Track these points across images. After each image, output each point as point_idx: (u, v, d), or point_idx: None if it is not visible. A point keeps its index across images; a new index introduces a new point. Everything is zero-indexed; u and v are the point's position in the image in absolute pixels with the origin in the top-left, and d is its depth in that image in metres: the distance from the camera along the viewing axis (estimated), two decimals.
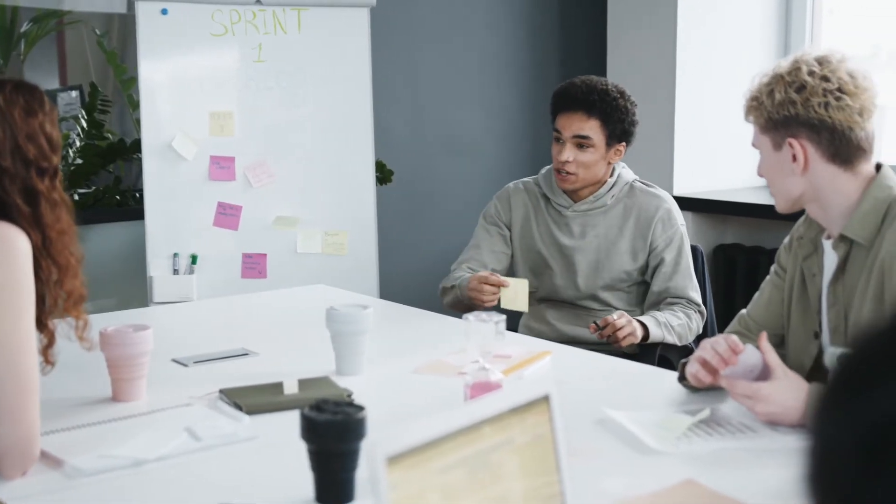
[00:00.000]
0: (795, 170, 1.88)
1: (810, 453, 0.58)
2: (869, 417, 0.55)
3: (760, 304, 2.11)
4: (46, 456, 1.69)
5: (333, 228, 3.72)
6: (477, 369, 1.95)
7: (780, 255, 2.09)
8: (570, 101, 2.82)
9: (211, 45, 3.62)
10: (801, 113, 1.84)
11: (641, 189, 2.91)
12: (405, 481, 1.08)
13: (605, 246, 2.86)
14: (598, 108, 2.79)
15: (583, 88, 2.82)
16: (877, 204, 1.85)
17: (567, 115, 2.82)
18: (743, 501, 1.51)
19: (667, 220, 2.86)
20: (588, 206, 2.89)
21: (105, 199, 4.01)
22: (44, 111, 1.75)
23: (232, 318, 2.87)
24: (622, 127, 2.83)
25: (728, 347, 1.81)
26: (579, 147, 2.80)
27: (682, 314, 2.78)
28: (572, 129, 2.81)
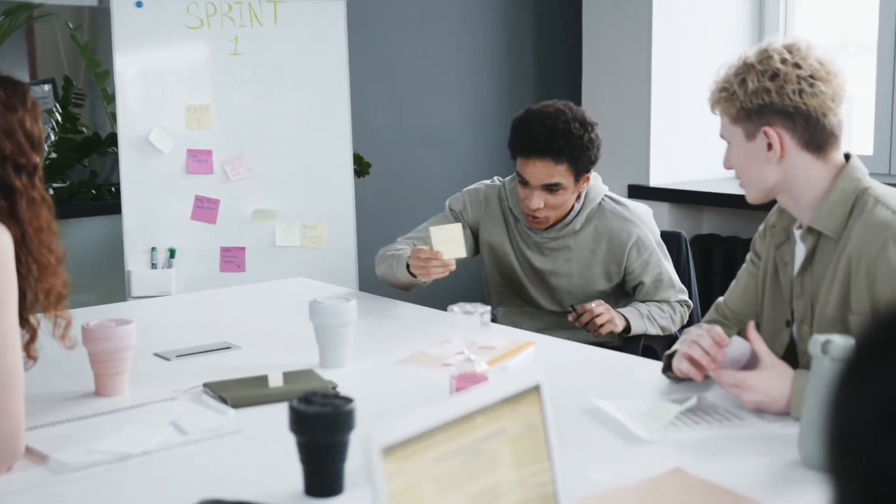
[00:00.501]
0: (771, 158, 1.88)
1: (831, 424, 0.59)
2: (889, 390, 0.55)
3: (737, 292, 2.12)
4: (31, 451, 1.68)
5: (312, 221, 3.71)
6: (462, 360, 1.95)
7: (756, 243, 2.11)
8: (534, 148, 2.67)
9: (187, 38, 3.60)
10: (776, 101, 1.85)
11: (612, 210, 2.80)
12: (400, 472, 1.08)
13: (578, 270, 2.79)
14: (565, 154, 2.65)
15: (545, 134, 2.64)
16: (844, 196, 1.86)
17: (532, 163, 2.67)
18: (730, 489, 1.52)
19: (640, 247, 2.77)
20: (557, 233, 2.80)
21: (81, 193, 3.98)
22: (25, 107, 1.73)
23: (212, 312, 2.86)
24: (588, 160, 2.70)
25: (713, 343, 1.81)
26: (548, 191, 2.69)
27: (666, 307, 2.78)
28: (539, 178, 2.68)
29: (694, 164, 4.43)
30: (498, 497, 1.20)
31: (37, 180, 1.76)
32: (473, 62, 4.58)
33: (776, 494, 1.50)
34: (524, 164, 2.69)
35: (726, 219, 4.27)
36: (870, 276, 1.79)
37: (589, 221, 2.79)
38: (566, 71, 4.69)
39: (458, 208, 2.90)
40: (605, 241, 2.78)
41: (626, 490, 1.52)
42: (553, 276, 2.81)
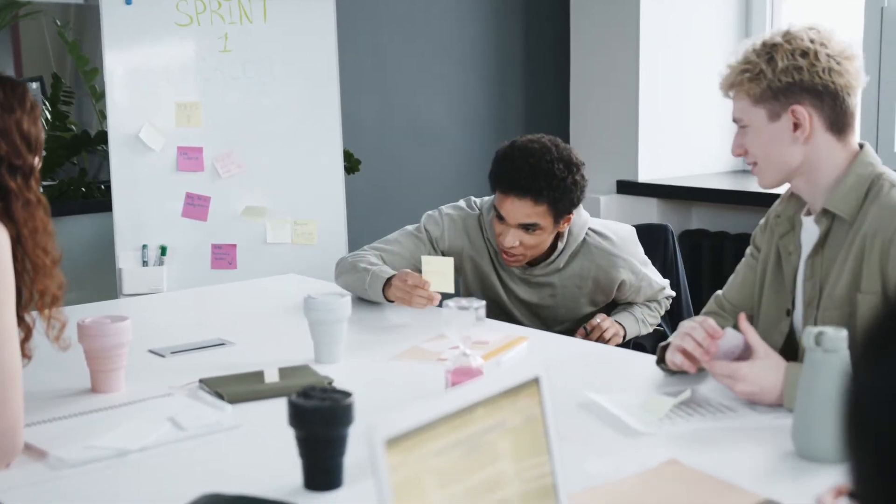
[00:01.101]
0: (798, 138, 1.88)
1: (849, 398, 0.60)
2: None
3: (735, 284, 2.14)
4: (30, 447, 1.68)
5: (303, 218, 3.72)
6: (458, 355, 1.96)
7: (756, 237, 2.12)
8: (514, 186, 2.56)
9: (176, 36, 3.60)
10: (806, 79, 1.85)
11: (597, 245, 2.71)
12: (403, 464, 1.09)
13: (564, 302, 2.74)
14: (546, 195, 2.54)
15: (527, 171, 2.54)
16: (860, 180, 1.88)
17: (510, 201, 2.57)
18: (725, 480, 1.53)
19: (631, 277, 2.73)
20: (541, 271, 2.73)
21: (70, 191, 3.98)
22: (23, 109, 1.73)
23: (205, 309, 2.86)
24: (570, 202, 2.60)
25: (706, 335, 1.83)
26: (525, 230, 2.59)
27: (654, 305, 2.80)
28: (517, 217, 2.57)
29: (682, 159, 4.46)
30: (498, 489, 1.22)
31: (32, 182, 1.75)
32: (462, 58, 4.59)
33: (771, 484, 1.52)
34: (502, 200, 2.59)
35: (715, 214, 4.30)
36: (883, 255, 1.82)
37: (573, 258, 2.71)
38: (554, 67, 4.71)
39: (435, 234, 2.75)
40: (591, 279, 2.72)
41: (623, 482, 1.53)
42: (539, 307, 2.76)
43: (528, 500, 1.25)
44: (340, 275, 2.72)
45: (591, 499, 1.45)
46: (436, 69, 4.54)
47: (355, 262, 2.68)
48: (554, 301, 2.75)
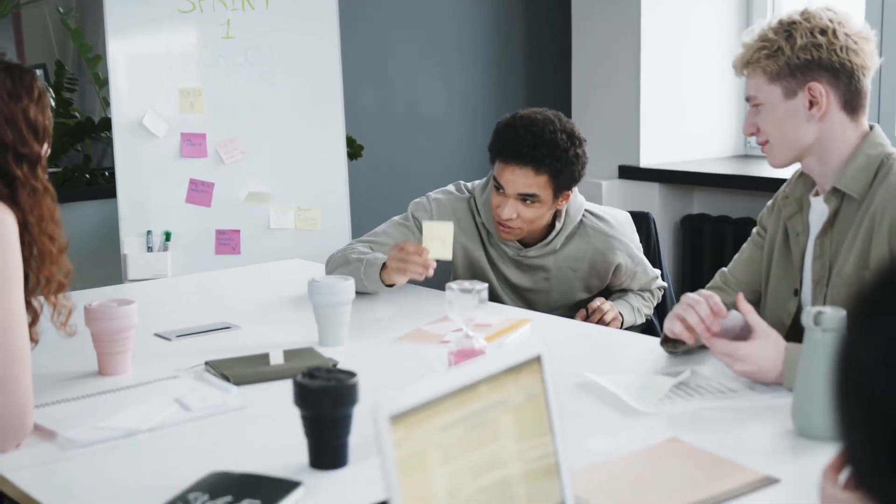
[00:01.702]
0: (813, 116, 1.90)
1: (841, 360, 0.63)
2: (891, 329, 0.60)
3: (741, 261, 2.16)
4: (39, 428, 1.71)
5: (306, 204, 3.73)
6: (461, 337, 1.98)
7: (762, 217, 2.14)
8: (515, 154, 2.52)
9: (179, 22, 3.61)
10: (825, 56, 1.87)
11: (594, 227, 2.68)
12: (408, 439, 1.11)
13: (557, 286, 2.70)
14: (548, 164, 2.51)
15: (529, 140, 2.51)
16: (869, 160, 1.90)
17: (511, 170, 2.53)
18: (724, 457, 1.55)
19: (627, 265, 2.70)
20: (537, 252, 2.68)
21: (74, 178, 4.00)
22: (31, 97, 1.75)
23: (210, 294, 2.89)
24: (572, 176, 2.56)
25: (710, 312, 1.84)
26: (523, 202, 2.55)
27: (648, 295, 2.79)
28: (517, 187, 2.53)
29: (684, 144, 4.47)
30: (501, 466, 1.24)
31: (39, 170, 1.77)
32: (463, 43, 4.60)
33: (770, 462, 1.54)
34: (502, 170, 2.55)
35: (716, 199, 4.31)
36: (891, 233, 1.84)
37: (570, 240, 2.68)
38: (556, 53, 4.72)
39: (423, 219, 2.67)
40: (587, 261, 2.68)
41: (623, 460, 1.55)
42: (531, 292, 2.72)
43: (532, 479, 1.28)
44: (333, 270, 2.64)
45: (592, 476, 1.47)
46: (438, 54, 4.55)
47: (346, 255, 2.65)
48: (548, 285, 2.71)
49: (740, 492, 1.44)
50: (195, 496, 1.42)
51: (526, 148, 2.51)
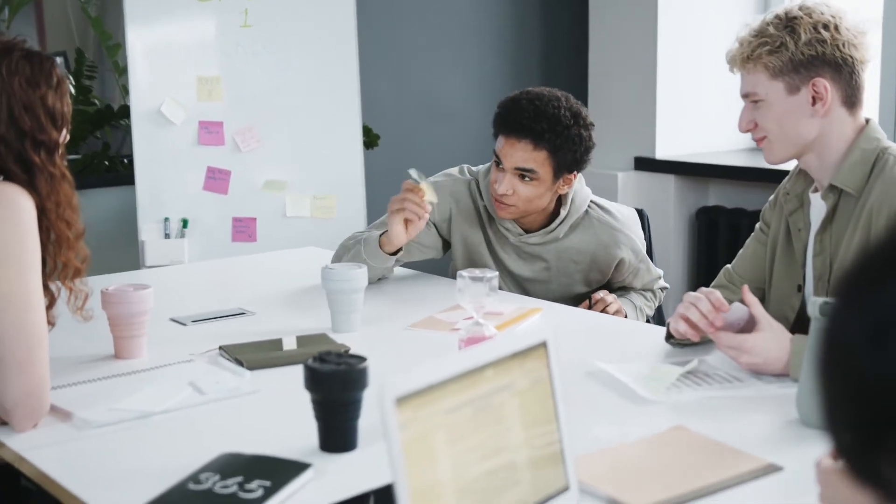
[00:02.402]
0: (817, 112, 1.90)
1: (826, 340, 0.65)
2: (876, 309, 0.62)
3: (744, 257, 2.17)
4: (56, 409, 1.74)
5: (322, 192, 3.76)
6: (471, 325, 2.00)
7: (765, 213, 2.15)
8: (515, 127, 2.47)
9: (197, 11, 3.65)
10: (828, 51, 1.87)
11: (599, 218, 2.63)
12: (413, 421, 1.14)
13: (557, 277, 2.65)
14: (547, 139, 2.45)
15: (530, 112, 2.45)
16: (865, 155, 1.90)
17: (510, 143, 2.48)
18: (729, 445, 1.57)
19: (631, 257, 2.64)
20: (539, 240, 2.62)
21: (94, 164, 4.04)
22: (49, 84, 1.77)
23: (226, 280, 2.92)
24: (573, 157, 2.49)
25: (711, 308, 1.85)
26: (521, 178, 2.49)
27: (650, 295, 2.72)
28: (514, 161, 2.48)
29: (700, 136, 4.47)
30: (507, 449, 1.26)
31: (57, 157, 1.79)
32: (480, 33, 4.61)
33: (774, 450, 1.55)
34: (502, 143, 2.51)
35: (732, 191, 4.31)
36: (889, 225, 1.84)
37: (573, 231, 2.62)
38: (573, 43, 4.72)
39: None
40: (589, 253, 2.62)
41: (628, 446, 1.57)
42: (529, 282, 2.66)
43: (536, 463, 1.30)
44: (339, 260, 2.60)
45: (596, 461, 1.49)
46: (454, 45, 4.56)
47: (345, 244, 2.65)
48: (547, 275, 2.65)
49: (744, 479, 1.45)
50: (206, 476, 1.44)
51: (526, 120, 2.45)
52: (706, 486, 1.42)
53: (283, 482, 1.43)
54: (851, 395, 0.63)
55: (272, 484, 1.42)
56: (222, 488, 1.41)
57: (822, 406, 0.66)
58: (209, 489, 1.41)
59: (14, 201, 1.69)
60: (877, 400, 0.61)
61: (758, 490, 1.44)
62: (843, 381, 0.64)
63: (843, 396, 0.64)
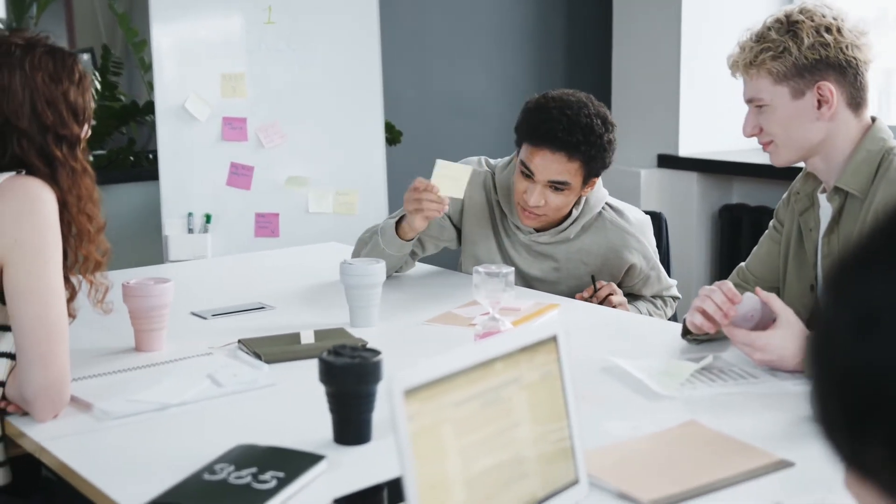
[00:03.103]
0: (822, 115, 1.89)
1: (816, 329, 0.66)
2: (863, 299, 0.63)
3: (759, 256, 2.17)
4: (76, 400, 1.77)
5: (344, 188, 3.78)
6: (487, 320, 2.02)
7: (779, 210, 2.14)
8: (549, 139, 2.42)
9: (221, 8, 3.68)
10: (832, 55, 1.86)
11: (612, 221, 2.59)
12: (421, 413, 1.15)
13: (566, 279, 2.62)
14: (583, 151, 2.42)
15: (563, 124, 2.40)
16: (870, 156, 1.89)
17: (542, 155, 2.43)
18: (740, 440, 1.57)
19: (641, 262, 2.60)
20: (549, 239, 2.59)
21: (119, 160, 4.08)
22: (71, 79, 1.79)
23: (247, 275, 2.94)
24: (602, 163, 2.48)
25: (725, 298, 1.86)
26: (553, 189, 2.46)
27: (660, 303, 2.67)
28: (549, 174, 2.44)
29: (723, 133, 4.45)
30: (516, 442, 1.27)
31: (78, 151, 1.82)
32: (503, 30, 4.62)
33: (787, 447, 1.56)
34: (532, 154, 2.45)
35: (755, 188, 4.30)
36: None
37: (585, 232, 2.58)
38: (596, 40, 4.72)
39: None
40: (600, 256, 2.58)
41: (640, 440, 1.58)
42: (538, 281, 2.63)
43: (546, 456, 1.31)
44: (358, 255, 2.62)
45: (607, 455, 1.50)
46: (477, 41, 4.57)
47: (362, 237, 2.66)
48: (556, 276, 2.62)
49: (754, 474, 1.46)
50: (221, 467, 1.46)
51: (561, 132, 2.40)
52: (716, 481, 1.43)
53: (296, 473, 1.45)
54: (839, 386, 0.64)
55: (285, 475, 1.44)
56: (236, 479, 1.43)
57: (811, 397, 0.67)
58: (223, 479, 1.43)
59: (36, 195, 1.72)
60: (863, 389, 0.62)
61: (768, 486, 1.45)
62: (831, 372, 0.65)
63: (830, 386, 0.65)
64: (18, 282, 1.68)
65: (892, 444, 0.62)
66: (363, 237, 2.68)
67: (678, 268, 4.32)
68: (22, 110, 1.74)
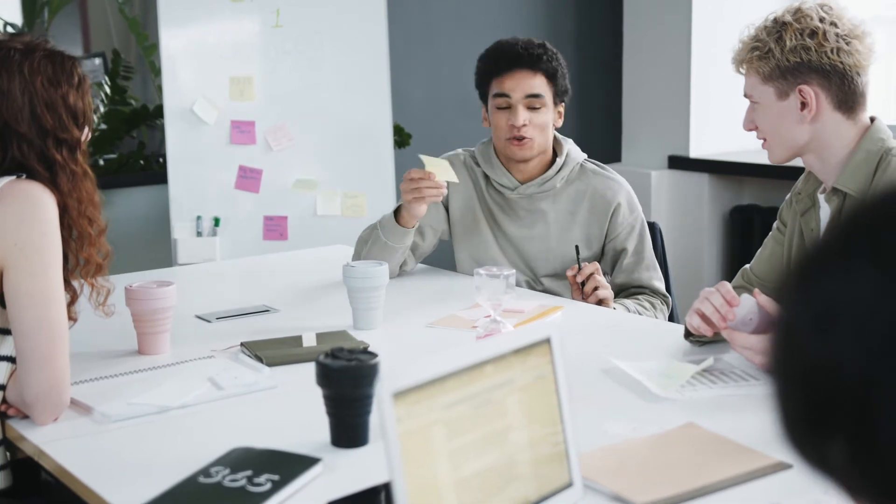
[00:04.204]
0: (805, 118, 1.90)
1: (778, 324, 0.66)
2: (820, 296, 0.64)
3: (763, 258, 2.16)
4: (76, 403, 1.77)
5: (352, 191, 3.79)
6: (489, 322, 2.02)
7: (782, 211, 2.14)
8: (514, 59, 2.62)
9: (229, 11, 3.69)
10: (814, 59, 1.86)
11: (594, 171, 2.71)
12: (411, 415, 1.15)
13: (555, 234, 2.67)
14: (545, 62, 2.62)
15: (522, 44, 2.64)
16: (869, 156, 1.88)
17: (512, 75, 2.61)
18: (739, 442, 1.57)
19: (626, 207, 2.67)
20: (535, 189, 2.67)
21: (129, 164, 4.09)
22: (70, 83, 1.80)
23: (254, 278, 2.95)
24: (564, 84, 2.66)
25: (723, 301, 1.85)
26: (531, 108, 2.61)
27: (648, 305, 2.62)
28: (523, 89, 2.60)
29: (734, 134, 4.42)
30: (508, 444, 1.27)
31: (78, 155, 1.82)
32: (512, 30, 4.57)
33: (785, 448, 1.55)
34: (503, 81, 2.62)
35: (767, 189, 4.28)
36: None
37: (570, 183, 2.69)
38: (606, 42, 4.71)
39: None
40: (587, 201, 2.67)
41: (637, 442, 1.57)
42: (527, 241, 2.69)
43: (539, 459, 1.30)
44: (363, 254, 2.64)
45: (603, 457, 1.50)
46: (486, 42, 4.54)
47: (361, 237, 2.70)
48: (545, 231, 2.67)
49: (752, 476, 1.45)
50: (217, 470, 1.46)
51: (521, 51, 2.62)
52: (712, 484, 1.42)
53: (291, 476, 1.45)
54: (798, 384, 0.64)
55: (281, 478, 1.44)
56: (231, 482, 1.43)
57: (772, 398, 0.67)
58: (218, 483, 1.43)
59: (36, 199, 1.73)
60: (823, 385, 0.62)
61: (766, 488, 1.44)
62: (792, 367, 0.65)
63: (791, 385, 0.65)
64: (19, 285, 1.69)
65: (854, 442, 0.61)
66: (363, 236, 2.71)
67: (688, 270, 4.30)
68: (21, 114, 1.75)
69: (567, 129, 3.05)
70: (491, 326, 2.01)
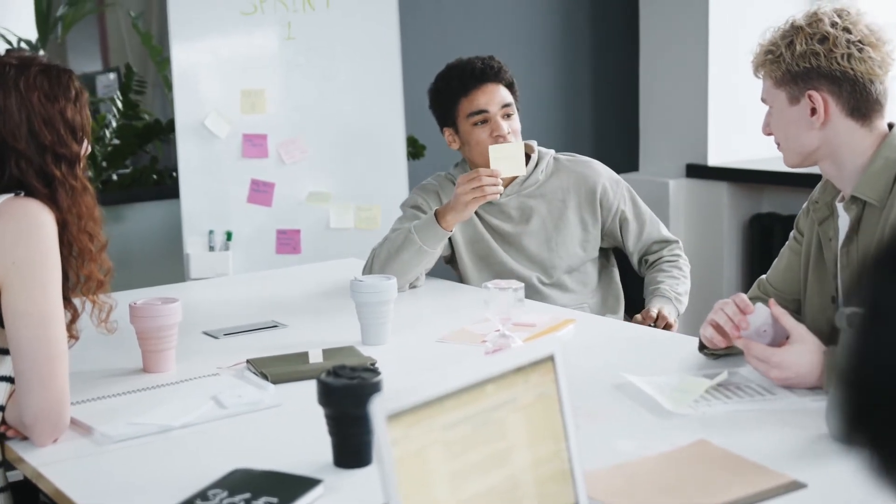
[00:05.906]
0: (815, 123, 1.86)
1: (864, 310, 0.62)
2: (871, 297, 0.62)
3: (779, 269, 2.11)
4: (76, 423, 1.74)
5: (366, 203, 3.75)
6: (498, 336, 1.98)
7: (799, 220, 2.09)
8: (480, 75, 2.74)
9: (241, 24, 3.66)
10: (824, 65, 1.83)
11: (569, 160, 2.83)
12: (408, 437, 1.11)
13: (552, 224, 2.76)
14: (504, 75, 2.76)
15: (479, 63, 2.76)
16: (888, 164, 1.84)
17: (484, 89, 2.72)
18: (752, 460, 1.52)
19: (612, 182, 2.79)
20: (521, 187, 2.77)
21: (142, 178, 4.08)
22: (67, 97, 1.78)
23: (265, 292, 2.92)
24: (517, 92, 2.80)
25: (737, 310, 1.81)
26: (507, 117, 2.73)
27: (674, 270, 2.72)
28: (497, 101, 2.72)
29: (753, 142, 4.38)
30: (510, 465, 1.23)
31: (78, 170, 1.80)
32: (527, 41, 4.58)
33: (801, 467, 1.50)
34: (476, 96, 2.72)
35: (787, 198, 4.22)
36: None
37: (549, 177, 2.79)
38: (623, 49, 4.67)
39: (418, 202, 2.81)
40: (573, 190, 2.77)
41: (647, 460, 1.53)
42: (527, 236, 2.76)
43: (543, 479, 1.26)
44: (386, 263, 2.63)
45: (612, 476, 1.45)
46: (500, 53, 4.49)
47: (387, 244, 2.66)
48: (543, 225, 2.75)
49: (765, 496, 1.40)
50: (215, 493, 1.43)
51: (483, 66, 2.75)
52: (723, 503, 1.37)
53: (291, 499, 1.41)
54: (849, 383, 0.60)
55: (279, 501, 1.40)
56: None
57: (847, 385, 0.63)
58: None
59: (35, 217, 1.70)
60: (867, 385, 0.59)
61: None
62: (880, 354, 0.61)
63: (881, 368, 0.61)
64: (17, 304, 1.67)
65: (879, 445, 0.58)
66: (379, 252, 2.67)
67: (707, 279, 4.25)
68: (19, 131, 1.72)
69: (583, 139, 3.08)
70: (500, 341, 1.97)
